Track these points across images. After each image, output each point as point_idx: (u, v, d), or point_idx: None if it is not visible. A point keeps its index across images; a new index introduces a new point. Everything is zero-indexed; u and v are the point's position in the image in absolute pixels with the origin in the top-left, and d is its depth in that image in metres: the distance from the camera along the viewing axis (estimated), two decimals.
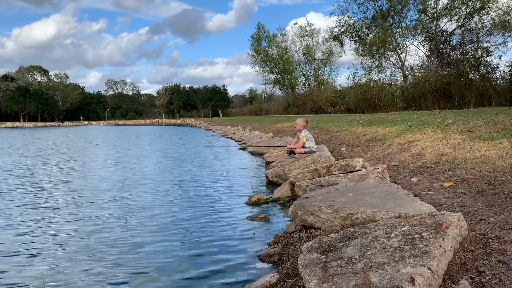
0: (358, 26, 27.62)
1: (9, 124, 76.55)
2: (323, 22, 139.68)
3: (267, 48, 47.22)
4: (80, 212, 5.20)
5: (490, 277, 2.01)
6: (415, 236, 2.26)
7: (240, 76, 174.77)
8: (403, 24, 26.08)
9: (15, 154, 14.29)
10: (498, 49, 21.12)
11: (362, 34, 27.67)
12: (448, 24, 24.18)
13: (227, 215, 4.83)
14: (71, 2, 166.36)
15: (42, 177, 8.36)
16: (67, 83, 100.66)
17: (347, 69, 78.30)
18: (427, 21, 24.77)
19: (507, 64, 19.80)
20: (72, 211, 5.23)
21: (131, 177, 8.07)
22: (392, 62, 26.88)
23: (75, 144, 19.87)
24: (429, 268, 1.90)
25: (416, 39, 26.01)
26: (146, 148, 16.68)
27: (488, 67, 21.03)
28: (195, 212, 4.99)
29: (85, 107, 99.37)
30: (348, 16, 27.62)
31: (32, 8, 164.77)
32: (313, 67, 46.07)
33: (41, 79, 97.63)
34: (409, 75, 25.36)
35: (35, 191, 6.72)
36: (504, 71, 20.06)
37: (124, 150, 15.49)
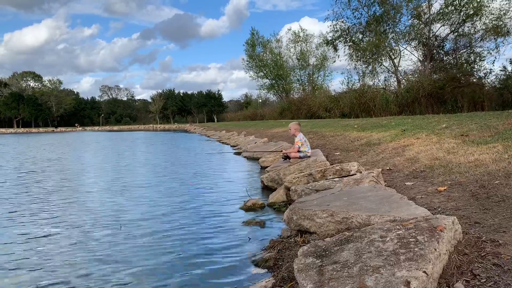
0: (352, 32, 27.82)
1: (3, 130, 75.95)
2: (317, 28, 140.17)
3: (261, 53, 47.36)
4: (75, 216, 5.15)
5: (485, 280, 2.01)
6: (410, 239, 2.26)
7: (234, 81, 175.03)
8: (397, 30, 26.32)
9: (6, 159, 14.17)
10: (491, 54, 21.42)
11: (356, 40, 27.85)
12: (441, 29, 24.46)
13: (222, 220, 4.80)
14: (62, 7, 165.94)
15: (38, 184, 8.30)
16: (61, 88, 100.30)
17: (341, 74, 78.61)
18: (420, 26, 25.01)
19: (500, 69, 20.08)
20: (68, 213, 5.19)
21: (124, 184, 8.02)
22: (386, 67, 27.11)
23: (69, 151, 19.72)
24: (424, 272, 1.90)
25: (410, 44, 26.26)
26: (141, 154, 16.61)
27: (481, 72, 21.30)
28: (189, 218, 4.96)
29: (79, 113, 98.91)
30: (342, 22, 27.83)
31: (22, 13, 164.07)
32: (307, 72, 46.30)
33: (35, 85, 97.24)
34: (403, 80, 25.55)
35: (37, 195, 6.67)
36: (496, 76, 20.34)
37: (120, 157, 15.41)
